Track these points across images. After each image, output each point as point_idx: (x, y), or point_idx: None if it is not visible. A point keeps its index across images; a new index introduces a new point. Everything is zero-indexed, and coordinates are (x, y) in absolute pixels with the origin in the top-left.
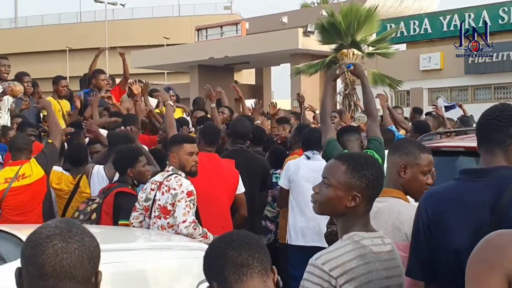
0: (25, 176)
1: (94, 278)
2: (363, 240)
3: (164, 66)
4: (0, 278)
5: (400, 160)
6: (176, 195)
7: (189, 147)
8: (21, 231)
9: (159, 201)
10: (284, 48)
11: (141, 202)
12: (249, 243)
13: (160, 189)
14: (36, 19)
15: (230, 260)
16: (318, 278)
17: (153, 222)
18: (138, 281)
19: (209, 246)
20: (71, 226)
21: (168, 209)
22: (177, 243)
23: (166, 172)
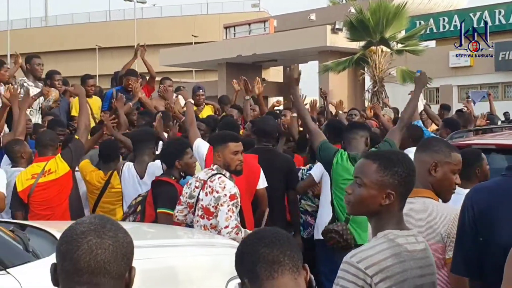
0: (51, 171)
1: (127, 273)
2: (397, 239)
3: (192, 64)
4: (34, 274)
5: (431, 159)
6: (219, 199)
7: (234, 145)
8: (54, 227)
9: (202, 201)
10: (312, 46)
11: (185, 197)
12: (280, 240)
13: (203, 189)
14: (66, 17)
15: (261, 256)
16: (353, 276)
17: (196, 220)
18: (168, 278)
19: (241, 243)
20: (105, 222)
21: (210, 211)
22: (208, 239)
23: (210, 171)
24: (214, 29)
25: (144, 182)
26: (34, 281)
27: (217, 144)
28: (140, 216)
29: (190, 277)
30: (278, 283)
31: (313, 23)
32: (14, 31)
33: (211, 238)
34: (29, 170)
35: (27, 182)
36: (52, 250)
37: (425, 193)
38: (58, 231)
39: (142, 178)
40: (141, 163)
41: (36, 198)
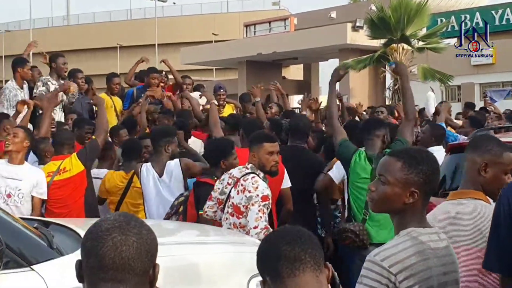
0: (65, 170)
1: (151, 270)
2: (420, 236)
3: (213, 62)
4: (58, 271)
5: (481, 159)
6: (251, 198)
7: (269, 146)
8: (77, 225)
9: (233, 199)
10: (333, 43)
11: (216, 193)
12: (302, 238)
13: (236, 187)
14: (87, 16)
15: (283, 254)
16: (377, 275)
17: (226, 218)
18: (190, 275)
19: (263, 241)
20: (129, 219)
21: (241, 210)
22: (229, 237)
23: (244, 169)
24: (234, 27)
25: (163, 180)
26: (58, 278)
27: (253, 144)
28: (182, 217)
29: (212, 275)
30: (299, 280)
31: (333, 21)
32: (36, 30)
33: (233, 235)
34: (45, 168)
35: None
36: (75, 247)
37: (474, 194)
38: (81, 228)
39: (161, 177)
40: (159, 161)
41: (52, 196)
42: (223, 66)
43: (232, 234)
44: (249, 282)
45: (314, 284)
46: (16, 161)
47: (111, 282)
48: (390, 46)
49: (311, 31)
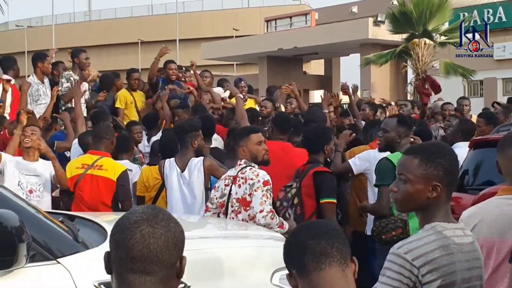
0: (102, 168)
1: (178, 263)
2: (445, 231)
3: (234, 57)
4: (84, 264)
5: None
6: (253, 185)
7: (256, 136)
8: (102, 218)
9: (237, 195)
10: (354, 38)
11: (215, 199)
12: (329, 233)
13: (235, 183)
14: (109, 12)
15: (309, 248)
16: (400, 267)
17: (231, 217)
18: (213, 269)
19: (290, 234)
20: (157, 212)
21: (247, 200)
22: (252, 232)
23: (238, 166)
24: (255, 22)
25: (184, 175)
26: (83, 271)
27: (240, 139)
28: (300, 208)
29: (235, 269)
30: (325, 274)
31: (355, 16)
32: (58, 25)
33: (257, 230)
34: (80, 159)
35: (76, 170)
36: (100, 241)
37: None
38: (106, 222)
39: (182, 172)
40: (183, 157)
41: (80, 189)
42: (244, 62)
43: (256, 228)
44: (272, 276)
45: (340, 278)
46: (33, 158)
47: (139, 274)
48: (412, 41)
49: (332, 26)
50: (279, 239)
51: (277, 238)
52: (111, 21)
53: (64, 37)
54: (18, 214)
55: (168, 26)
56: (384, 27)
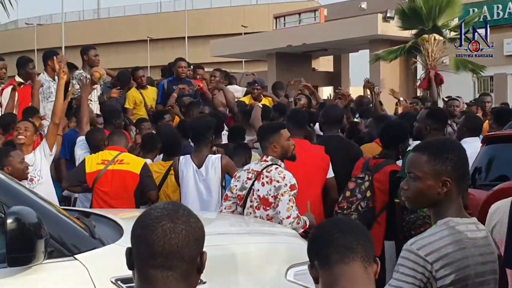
0: (123, 162)
1: (199, 258)
2: (458, 226)
3: (242, 54)
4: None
5: None
6: (280, 188)
7: (285, 132)
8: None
9: (259, 192)
10: (363, 34)
11: (234, 190)
12: (355, 229)
13: (259, 179)
14: (118, 10)
15: (335, 240)
16: (413, 263)
17: (249, 212)
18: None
19: (316, 228)
20: (178, 207)
21: (269, 201)
22: (267, 228)
23: (263, 162)
24: (264, 19)
25: (200, 172)
26: (100, 267)
27: (271, 135)
28: (372, 202)
29: (251, 265)
30: (348, 268)
31: (364, 12)
32: (68, 23)
33: (272, 226)
34: (100, 155)
35: (97, 166)
36: (116, 237)
37: None
38: (121, 218)
39: (199, 168)
40: (199, 153)
41: (102, 185)
42: (253, 58)
43: (271, 225)
44: (287, 272)
45: (362, 274)
46: (27, 152)
47: (160, 269)
48: (422, 37)
49: (341, 22)
50: (293, 235)
51: (291, 234)
52: (120, 19)
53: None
54: (35, 211)
55: (176, 24)
56: (394, 23)
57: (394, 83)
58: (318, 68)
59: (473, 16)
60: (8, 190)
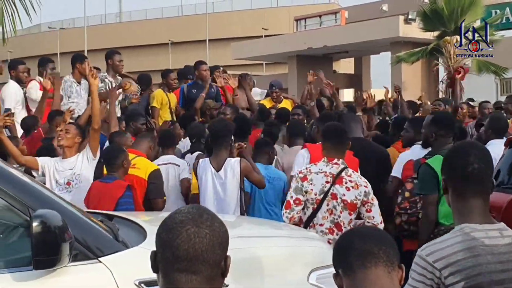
0: (135, 166)
1: (223, 262)
2: (474, 232)
3: (263, 57)
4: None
5: None
6: (369, 194)
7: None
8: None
9: (344, 197)
10: (385, 36)
11: (312, 194)
12: (377, 236)
13: (341, 183)
14: (139, 13)
15: (356, 248)
16: (422, 269)
17: (325, 216)
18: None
19: (340, 237)
20: (202, 212)
21: (356, 206)
22: (289, 231)
23: (335, 165)
24: (284, 21)
25: (219, 175)
26: (124, 270)
27: (347, 138)
28: None
29: (273, 268)
30: (370, 273)
31: (385, 14)
32: (90, 27)
33: (294, 230)
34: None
35: None
36: (139, 240)
37: None
38: (144, 221)
39: (218, 171)
40: (218, 156)
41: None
42: (273, 61)
43: (293, 228)
44: (309, 276)
45: (385, 279)
46: (69, 155)
47: (185, 273)
48: (444, 39)
49: (362, 24)
50: (316, 239)
51: (314, 237)
52: (141, 22)
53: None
54: (60, 214)
55: (197, 27)
56: (415, 25)
57: (415, 85)
58: (339, 71)
59: (495, 17)
60: (34, 193)
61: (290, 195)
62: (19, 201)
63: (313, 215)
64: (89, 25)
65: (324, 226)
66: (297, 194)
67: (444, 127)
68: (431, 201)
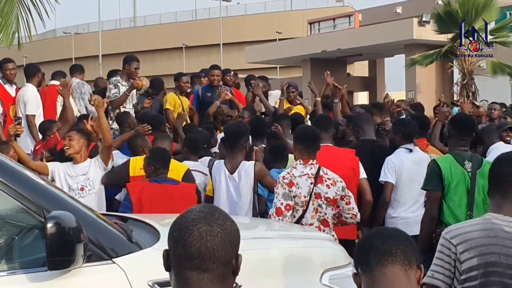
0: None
1: (234, 260)
2: (494, 219)
3: (277, 60)
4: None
5: None
6: (345, 188)
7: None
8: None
9: (327, 194)
10: (399, 39)
11: (302, 197)
12: (396, 236)
13: (322, 182)
14: (154, 18)
15: (375, 247)
16: (442, 247)
17: (311, 216)
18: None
19: (362, 238)
20: (213, 210)
21: (337, 201)
22: (301, 232)
23: (311, 165)
24: (298, 25)
25: (233, 177)
26: (138, 270)
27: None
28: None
29: (286, 269)
30: (387, 270)
31: (399, 16)
32: (105, 32)
33: (306, 231)
34: (142, 158)
35: (140, 171)
36: (153, 241)
37: None
38: (158, 222)
39: (232, 174)
40: (233, 159)
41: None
42: (287, 64)
43: (305, 230)
44: (322, 276)
45: (402, 277)
46: (80, 161)
47: (196, 271)
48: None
49: (376, 27)
50: (328, 240)
51: (326, 238)
52: (155, 27)
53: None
54: (74, 215)
55: (211, 31)
56: (429, 27)
57: (430, 87)
58: (353, 73)
59: (509, 19)
60: (48, 195)
61: (279, 201)
62: (34, 203)
63: (302, 216)
64: (104, 30)
65: (313, 225)
66: (286, 200)
67: (457, 128)
68: (434, 197)
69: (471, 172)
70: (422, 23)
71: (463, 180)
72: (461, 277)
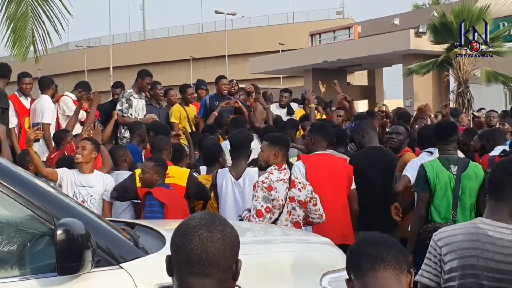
0: (168, 175)
1: (234, 266)
2: (481, 224)
3: (280, 71)
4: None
5: None
6: (312, 191)
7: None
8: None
9: (300, 197)
10: (396, 50)
11: (280, 201)
12: (386, 242)
13: (295, 186)
14: (162, 31)
15: (366, 253)
16: (431, 248)
17: (285, 218)
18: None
19: (353, 244)
20: (214, 217)
21: (307, 203)
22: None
23: (284, 170)
24: (300, 37)
25: (238, 183)
26: (145, 275)
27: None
28: None
29: (286, 273)
30: (379, 275)
31: (396, 28)
32: (115, 45)
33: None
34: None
35: None
36: (159, 247)
37: None
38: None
39: (237, 180)
40: (237, 166)
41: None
42: (290, 74)
43: (305, 234)
44: (321, 280)
45: (393, 280)
46: (87, 171)
47: (198, 276)
48: (453, 51)
49: (375, 38)
50: (327, 243)
51: (326, 242)
52: (164, 40)
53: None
54: (83, 222)
55: (217, 43)
56: (426, 38)
57: (427, 96)
58: (353, 83)
59: (503, 30)
60: (58, 203)
61: (259, 204)
62: (44, 211)
63: (277, 219)
64: (114, 43)
65: (287, 226)
66: (266, 203)
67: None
68: (422, 199)
69: (456, 175)
70: (419, 34)
71: (448, 183)
72: (445, 276)
